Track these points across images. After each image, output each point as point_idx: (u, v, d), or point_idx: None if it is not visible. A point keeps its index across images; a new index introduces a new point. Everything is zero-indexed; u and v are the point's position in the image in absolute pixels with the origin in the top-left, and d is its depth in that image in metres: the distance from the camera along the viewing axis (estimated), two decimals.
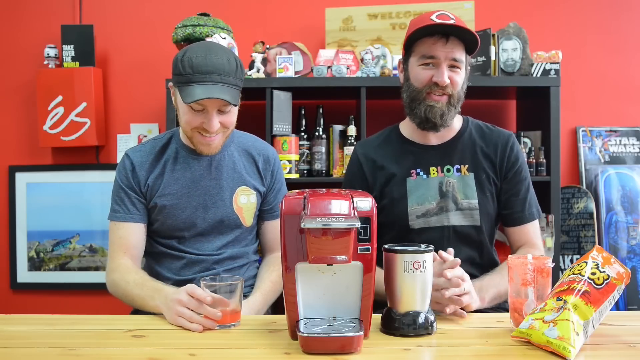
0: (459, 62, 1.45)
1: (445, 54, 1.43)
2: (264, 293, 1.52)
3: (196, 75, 1.38)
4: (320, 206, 1.00)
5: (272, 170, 1.63)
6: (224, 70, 1.40)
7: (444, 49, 1.43)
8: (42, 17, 2.70)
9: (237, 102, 1.43)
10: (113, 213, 1.54)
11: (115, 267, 1.50)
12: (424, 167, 1.54)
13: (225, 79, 1.40)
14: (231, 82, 1.41)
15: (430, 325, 1.10)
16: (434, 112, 1.46)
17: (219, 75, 1.39)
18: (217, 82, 1.39)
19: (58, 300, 2.71)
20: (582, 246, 2.46)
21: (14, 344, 1.08)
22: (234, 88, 1.43)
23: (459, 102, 1.50)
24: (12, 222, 2.70)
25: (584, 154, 2.62)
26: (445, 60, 1.44)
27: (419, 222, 1.51)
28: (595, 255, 1.08)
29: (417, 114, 1.49)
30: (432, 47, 1.44)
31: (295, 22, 2.65)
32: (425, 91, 1.47)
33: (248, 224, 1.58)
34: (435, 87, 1.45)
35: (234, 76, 1.42)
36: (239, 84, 1.45)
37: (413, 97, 1.49)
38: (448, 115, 1.48)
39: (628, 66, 2.64)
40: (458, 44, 1.44)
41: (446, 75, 1.44)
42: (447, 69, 1.44)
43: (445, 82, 1.44)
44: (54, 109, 2.58)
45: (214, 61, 1.40)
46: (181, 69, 1.40)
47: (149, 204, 1.54)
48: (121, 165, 1.56)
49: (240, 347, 1.06)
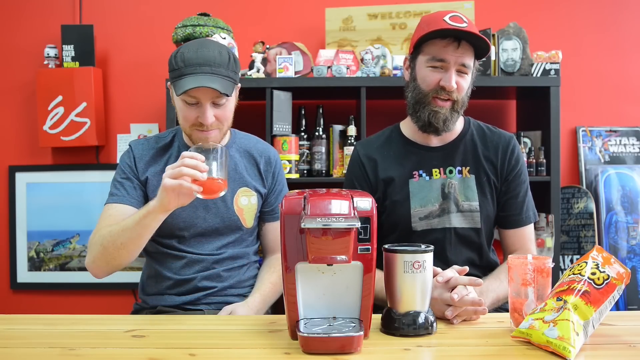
0: (467, 68, 1.44)
1: (455, 58, 1.42)
2: (263, 294, 1.52)
3: (187, 68, 1.41)
4: (320, 206, 1.00)
5: (274, 172, 1.63)
6: (214, 62, 1.42)
7: (454, 54, 1.42)
8: (42, 17, 2.70)
9: (230, 92, 1.43)
10: (110, 197, 1.51)
11: (95, 232, 1.44)
12: (427, 169, 1.53)
13: (216, 70, 1.42)
14: (222, 73, 1.43)
15: (430, 325, 1.10)
16: (437, 118, 1.46)
17: (209, 66, 1.41)
18: (207, 72, 1.40)
19: (58, 300, 2.71)
20: (582, 246, 2.46)
21: (14, 344, 1.08)
22: (225, 79, 1.43)
23: (462, 108, 1.49)
24: (12, 222, 2.70)
25: (584, 154, 2.62)
26: (455, 64, 1.43)
27: (422, 224, 1.50)
28: (595, 255, 1.08)
29: (421, 117, 1.49)
30: (443, 50, 1.42)
31: (295, 22, 2.65)
32: (432, 95, 1.46)
33: (249, 225, 1.58)
34: (442, 91, 1.44)
35: (226, 68, 1.44)
36: (232, 76, 1.46)
37: (418, 99, 1.48)
38: (451, 121, 1.48)
39: (628, 66, 2.64)
40: (469, 48, 1.43)
41: (454, 80, 1.43)
42: (455, 74, 1.43)
43: (453, 87, 1.43)
44: (54, 109, 2.58)
45: (205, 54, 1.42)
46: (174, 64, 1.43)
47: (147, 196, 1.54)
48: (125, 155, 1.58)
49: (240, 347, 1.06)
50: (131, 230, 1.36)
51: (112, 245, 1.38)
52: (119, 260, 1.40)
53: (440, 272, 1.21)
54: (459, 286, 1.19)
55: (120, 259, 1.40)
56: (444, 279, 1.19)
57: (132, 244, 1.38)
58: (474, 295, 1.19)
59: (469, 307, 1.17)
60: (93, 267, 1.45)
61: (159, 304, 1.53)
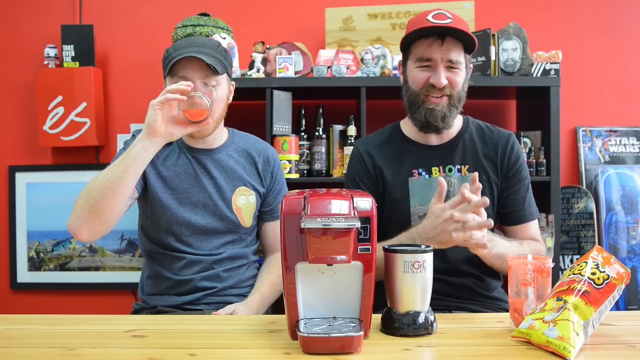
0: (456, 63, 1.44)
1: (441, 55, 1.43)
2: (262, 294, 1.53)
3: (176, 52, 1.46)
4: (320, 206, 1.00)
5: (272, 171, 1.63)
6: (202, 44, 1.48)
7: (439, 51, 1.42)
8: (42, 17, 2.70)
9: (219, 70, 1.45)
10: None
11: None
12: (426, 168, 1.53)
13: (203, 50, 1.46)
14: (210, 52, 1.46)
15: (430, 325, 1.10)
16: (435, 116, 1.46)
17: (197, 47, 1.46)
18: (194, 52, 1.44)
19: (58, 300, 2.71)
20: (582, 246, 2.46)
21: (14, 344, 1.08)
22: (214, 58, 1.46)
23: (460, 102, 1.49)
24: (12, 222, 2.70)
25: (584, 154, 2.62)
26: (442, 61, 1.43)
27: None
28: (595, 255, 1.08)
29: (418, 118, 1.49)
30: (428, 50, 1.43)
31: (295, 22, 2.65)
32: (423, 94, 1.46)
33: (247, 224, 1.58)
34: (433, 89, 1.45)
35: (215, 50, 1.48)
36: (221, 59, 1.48)
37: (412, 100, 1.49)
38: (450, 117, 1.48)
39: (628, 66, 2.64)
40: (455, 44, 1.43)
41: (443, 76, 1.43)
42: (444, 70, 1.44)
43: (442, 83, 1.43)
44: (54, 109, 2.58)
45: (193, 40, 1.49)
46: (166, 55, 1.48)
47: (147, 200, 1.54)
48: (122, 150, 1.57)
49: (240, 347, 1.06)
50: (118, 165, 1.32)
51: (96, 187, 1.30)
52: (103, 205, 1.30)
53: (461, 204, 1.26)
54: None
55: (105, 203, 1.30)
56: (459, 217, 1.23)
57: (118, 181, 1.30)
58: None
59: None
60: (74, 221, 1.34)
61: (158, 304, 1.53)
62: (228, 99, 1.55)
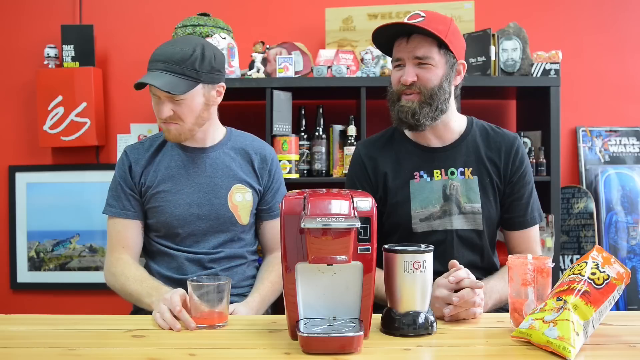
0: (425, 59, 1.43)
1: (407, 53, 1.44)
2: (262, 294, 1.52)
3: (149, 64, 1.47)
4: (320, 206, 1.00)
5: (270, 170, 1.63)
6: (172, 59, 1.44)
7: (406, 49, 1.44)
8: (42, 17, 2.70)
9: (178, 91, 1.43)
10: (108, 207, 1.56)
11: (115, 260, 1.52)
12: (428, 170, 1.52)
13: (170, 67, 1.44)
14: (177, 70, 1.44)
15: (430, 325, 1.10)
16: (405, 112, 1.46)
17: (165, 63, 1.44)
18: (160, 69, 1.44)
19: (58, 300, 2.71)
20: (582, 246, 2.46)
21: (14, 344, 1.08)
22: (178, 77, 1.43)
23: (433, 99, 1.45)
24: (12, 222, 2.70)
25: (584, 154, 2.62)
26: (410, 59, 1.44)
27: (422, 225, 1.49)
28: (595, 255, 1.08)
29: (393, 115, 1.51)
30: (397, 49, 1.47)
31: (295, 22, 2.65)
32: (397, 92, 1.48)
33: (244, 222, 1.58)
34: (404, 87, 1.46)
35: (185, 66, 1.44)
36: (192, 75, 1.45)
37: (390, 99, 1.52)
38: (421, 114, 1.45)
39: (628, 66, 2.64)
40: (422, 40, 1.43)
41: (409, 73, 1.43)
42: (413, 67, 1.44)
43: (408, 80, 1.44)
44: (54, 109, 2.58)
45: (166, 50, 1.46)
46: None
47: (144, 201, 1.55)
48: (120, 161, 1.59)
49: (240, 347, 1.06)
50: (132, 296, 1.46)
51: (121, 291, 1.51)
52: None
53: (453, 271, 1.23)
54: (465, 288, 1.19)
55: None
56: (455, 280, 1.20)
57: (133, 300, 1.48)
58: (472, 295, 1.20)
59: (469, 299, 1.18)
60: (108, 284, 1.58)
61: None
62: (208, 104, 1.52)
